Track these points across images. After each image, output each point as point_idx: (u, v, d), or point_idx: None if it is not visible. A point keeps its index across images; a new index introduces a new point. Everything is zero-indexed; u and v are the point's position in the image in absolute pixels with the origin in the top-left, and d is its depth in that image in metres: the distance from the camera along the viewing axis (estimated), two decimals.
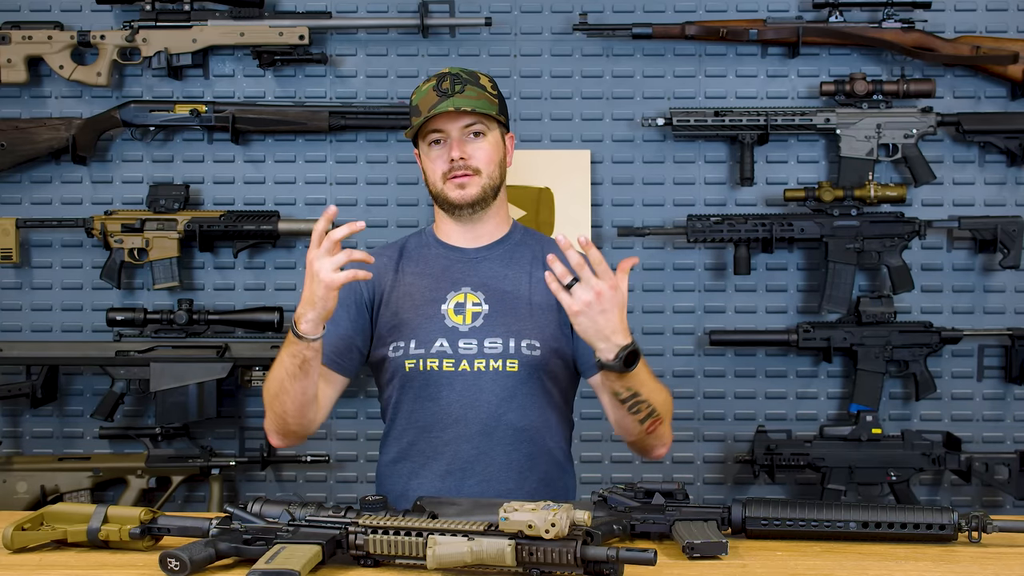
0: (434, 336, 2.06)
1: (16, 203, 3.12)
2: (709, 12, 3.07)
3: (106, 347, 2.98)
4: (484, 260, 2.13)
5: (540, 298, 2.09)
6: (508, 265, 2.13)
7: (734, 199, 3.09)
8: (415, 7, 3.04)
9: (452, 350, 2.05)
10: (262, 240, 3.03)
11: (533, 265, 2.13)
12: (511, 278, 2.11)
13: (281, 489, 3.12)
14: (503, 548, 1.48)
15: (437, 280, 2.11)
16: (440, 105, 2.02)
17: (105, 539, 1.70)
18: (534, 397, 2.05)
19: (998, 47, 2.96)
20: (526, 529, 1.46)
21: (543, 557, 1.47)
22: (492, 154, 2.08)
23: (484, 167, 2.07)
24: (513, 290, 2.10)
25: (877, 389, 2.97)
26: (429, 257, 2.15)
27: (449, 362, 2.04)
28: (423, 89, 2.08)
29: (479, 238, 2.15)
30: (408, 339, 2.07)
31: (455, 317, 2.07)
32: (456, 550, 1.51)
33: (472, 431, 2.04)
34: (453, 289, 2.09)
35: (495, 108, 2.09)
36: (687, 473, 3.11)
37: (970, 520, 1.70)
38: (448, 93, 2.04)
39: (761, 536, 1.73)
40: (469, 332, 2.06)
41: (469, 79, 2.08)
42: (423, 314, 2.08)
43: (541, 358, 2.06)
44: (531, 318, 2.07)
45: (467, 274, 2.11)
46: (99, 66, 3.02)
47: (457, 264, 2.13)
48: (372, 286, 2.11)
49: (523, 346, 2.05)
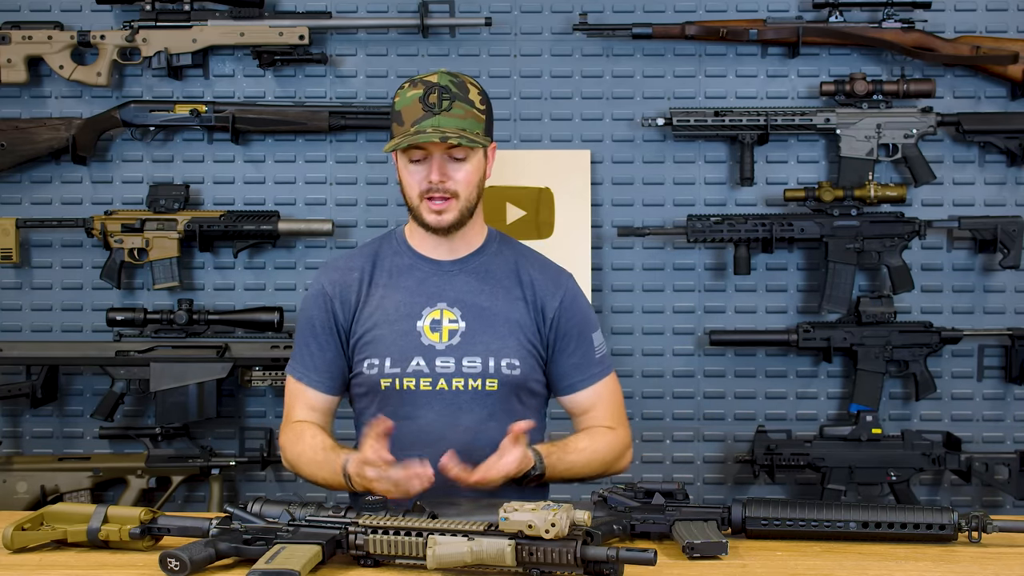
0: (410, 354, 2.04)
1: (16, 203, 3.12)
2: (709, 12, 3.07)
3: (106, 347, 2.98)
4: (460, 273, 2.09)
5: (519, 315, 2.07)
6: (484, 279, 2.09)
7: (734, 199, 3.09)
8: (415, 7, 3.04)
9: (429, 369, 2.03)
10: (262, 240, 3.03)
11: (511, 280, 2.10)
12: (488, 293, 2.08)
13: (281, 489, 3.12)
14: (503, 548, 1.48)
15: (412, 294, 2.08)
16: (425, 124, 1.95)
17: (105, 539, 1.70)
18: (512, 415, 2.04)
19: (998, 47, 2.96)
20: (526, 529, 1.46)
21: (543, 557, 1.47)
22: (472, 176, 2.02)
23: (463, 190, 2.01)
24: (490, 306, 2.07)
25: (877, 389, 2.97)
26: (403, 268, 2.11)
27: (426, 381, 2.04)
28: (408, 96, 2.00)
29: (454, 250, 2.10)
30: (383, 356, 2.05)
31: (431, 335, 2.05)
32: (456, 550, 1.51)
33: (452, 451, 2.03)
34: (429, 305, 2.07)
35: (481, 126, 2.01)
36: (687, 473, 3.11)
37: (970, 520, 1.70)
38: (435, 110, 1.96)
39: (761, 536, 1.73)
40: (446, 350, 2.04)
41: (458, 92, 1.99)
42: (398, 330, 2.05)
43: (520, 376, 2.05)
44: (510, 336, 2.06)
45: (443, 288, 2.08)
46: (99, 66, 3.02)
47: (432, 277, 2.09)
48: (347, 304, 2.09)
49: (503, 365, 2.04)
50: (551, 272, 2.14)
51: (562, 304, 2.09)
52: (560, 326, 2.08)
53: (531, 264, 2.13)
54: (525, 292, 2.09)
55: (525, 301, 2.08)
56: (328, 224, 3.00)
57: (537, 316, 2.08)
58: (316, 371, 2.09)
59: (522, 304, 2.08)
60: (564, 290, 2.11)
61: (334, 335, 2.09)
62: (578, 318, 2.10)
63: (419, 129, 1.95)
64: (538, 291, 2.09)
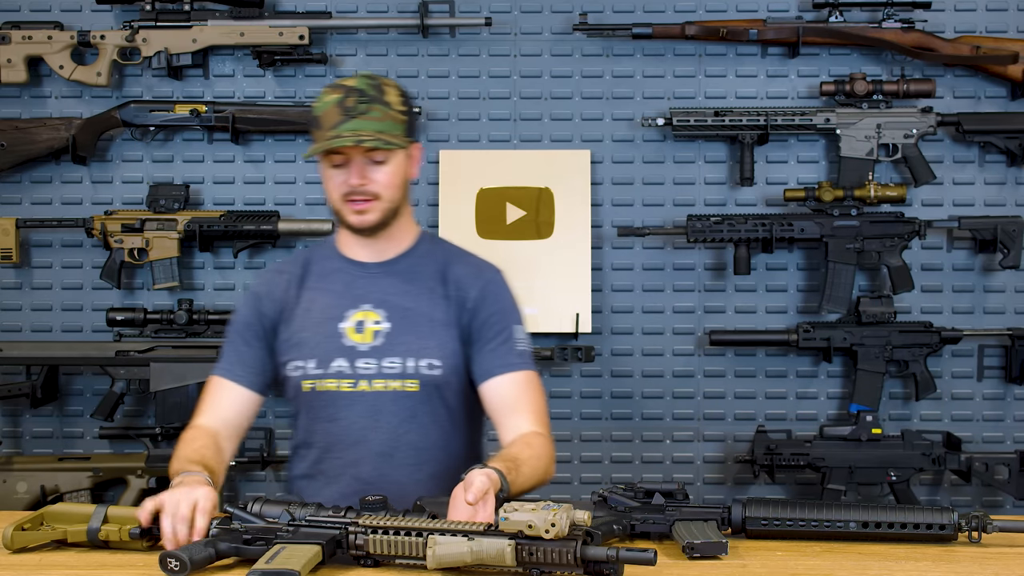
0: (332, 355, 2.05)
1: (16, 203, 3.12)
2: (709, 12, 3.07)
3: (106, 347, 2.98)
4: (386, 275, 2.10)
5: (441, 314, 2.07)
6: (411, 280, 2.10)
7: (734, 199, 3.09)
8: (415, 7, 3.04)
9: (351, 370, 2.04)
10: (262, 240, 3.03)
11: (436, 280, 2.10)
12: (413, 294, 2.08)
13: (281, 489, 3.12)
14: (503, 548, 1.48)
15: (338, 296, 2.09)
16: (342, 128, 1.96)
17: (105, 539, 1.70)
18: (435, 416, 2.04)
19: (998, 47, 2.96)
20: (526, 529, 1.46)
21: (543, 557, 1.47)
22: (393, 178, 2.02)
23: (384, 191, 2.02)
24: (415, 307, 2.07)
25: (877, 389, 2.97)
26: (331, 272, 2.12)
27: (348, 383, 2.04)
28: (326, 100, 2.00)
29: (382, 252, 2.11)
30: (307, 358, 2.06)
31: (355, 336, 2.05)
32: (456, 550, 1.50)
33: (372, 452, 2.03)
34: (353, 306, 2.07)
35: (400, 128, 2.01)
36: (687, 473, 3.11)
37: (970, 520, 1.70)
38: (352, 113, 1.97)
39: (761, 536, 1.73)
40: (369, 352, 2.04)
41: (375, 95, 1.99)
42: (322, 332, 2.06)
43: (442, 377, 2.04)
44: (433, 336, 2.05)
45: (368, 290, 2.09)
46: (99, 66, 3.02)
47: (359, 280, 2.10)
48: (276, 305, 2.10)
49: (423, 365, 2.03)
50: (476, 267, 2.13)
51: (481, 293, 2.07)
52: (479, 314, 2.06)
53: (458, 262, 2.12)
54: (448, 290, 2.08)
55: (448, 299, 2.08)
56: (328, 224, 3.00)
57: (459, 311, 2.07)
58: (241, 365, 2.08)
59: (444, 302, 2.07)
60: (485, 280, 2.10)
61: (260, 334, 2.10)
62: (498, 307, 2.08)
63: (336, 133, 1.96)
64: (460, 285, 2.08)
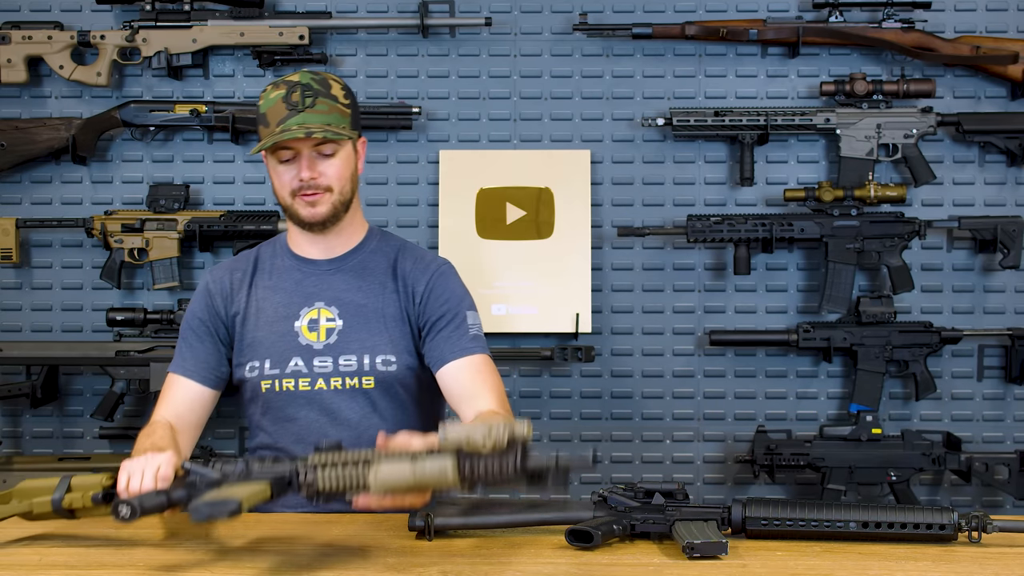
0: (288, 355, 2.06)
1: (16, 203, 3.12)
2: (709, 12, 3.07)
3: (106, 347, 2.98)
4: (337, 272, 2.11)
5: (393, 309, 2.08)
6: (362, 276, 2.11)
7: (734, 199, 3.09)
8: (415, 7, 3.04)
9: (307, 369, 2.05)
10: (262, 240, 3.02)
11: (387, 275, 2.11)
12: (364, 290, 2.09)
13: None
14: (445, 466, 1.47)
15: (290, 295, 2.09)
16: (289, 121, 1.97)
17: (69, 507, 1.70)
18: (393, 412, 2.05)
19: (998, 47, 2.96)
20: (465, 445, 1.46)
21: (484, 471, 1.46)
22: (343, 170, 2.04)
23: (335, 183, 2.03)
24: (367, 303, 2.08)
25: (877, 389, 2.97)
26: (282, 270, 2.13)
27: (305, 381, 2.05)
28: (271, 97, 2.01)
29: (332, 249, 2.12)
30: (263, 359, 2.07)
31: (309, 334, 2.06)
32: (398, 472, 1.49)
33: None
34: (307, 304, 2.08)
35: (347, 121, 2.03)
36: (687, 473, 3.11)
37: (970, 520, 1.70)
38: (298, 107, 1.98)
39: (761, 536, 1.73)
40: (324, 350, 2.05)
41: (320, 89, 2.01)
42: (276, 331, 2.07)
43: (397, 372, 2.05)
44: (386, 332, 2.06)
45: (320, 288, 2.09)
46: (99, 66, 3.02)
47: (310, 278, 2.11)
48: (228, 304, 2.11)
49: (378, 362, 2.05)
50: (424, 260, 2.14)
51: (429, 283, 2.09)
52: (429, 304, 2.08)
53: (408, 257, 2.13)
54: (399, 284, 2.09)
55: (398, 293, 2.09)
56: None
57: (408, 304, 2.08)
58: (194, 361, 2.09)
59: (396, 297, 2.08)
60: (432, 272, 2.10)
61: (213, 330, 2.11)
62: (447, 295, 2.09)
63: (284, 128, 1.97)
64: (408, 279, 2.09)
